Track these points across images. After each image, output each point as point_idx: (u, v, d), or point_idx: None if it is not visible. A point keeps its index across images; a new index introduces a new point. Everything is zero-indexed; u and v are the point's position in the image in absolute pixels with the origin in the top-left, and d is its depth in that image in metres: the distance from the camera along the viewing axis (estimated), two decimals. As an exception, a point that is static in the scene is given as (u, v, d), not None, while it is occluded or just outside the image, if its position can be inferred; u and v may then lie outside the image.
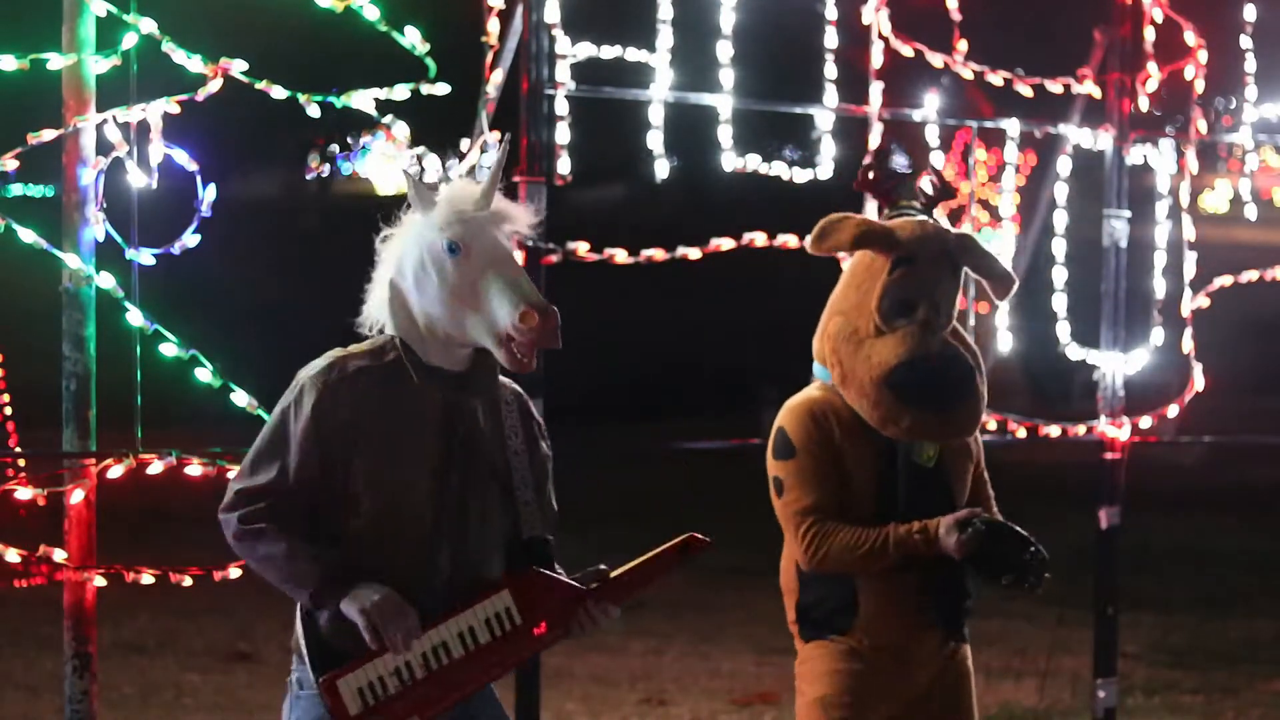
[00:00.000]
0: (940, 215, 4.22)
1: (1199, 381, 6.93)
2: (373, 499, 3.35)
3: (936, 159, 6.78)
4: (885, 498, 3.95)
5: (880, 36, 6.32)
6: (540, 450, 3.56)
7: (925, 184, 4.18)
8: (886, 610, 3.97)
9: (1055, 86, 6.74)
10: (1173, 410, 6.86)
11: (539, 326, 3.31)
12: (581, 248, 5.79)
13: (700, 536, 3.50)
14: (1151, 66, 6.75)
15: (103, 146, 4.61)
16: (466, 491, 3.42)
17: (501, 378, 3.52)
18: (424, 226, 3.41)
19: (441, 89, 5.20)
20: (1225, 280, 7.10)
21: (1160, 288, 6.90)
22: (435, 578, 3.38)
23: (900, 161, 4.23)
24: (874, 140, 6.32)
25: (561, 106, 5.79)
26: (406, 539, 3.36)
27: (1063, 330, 6.77)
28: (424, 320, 3.40)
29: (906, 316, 3.94)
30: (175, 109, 4.65)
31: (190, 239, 4.66)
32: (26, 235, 4.54)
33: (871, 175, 4.22)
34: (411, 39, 5.15)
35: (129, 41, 4.61)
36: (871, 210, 6.05)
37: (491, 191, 3.43)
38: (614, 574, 3.47)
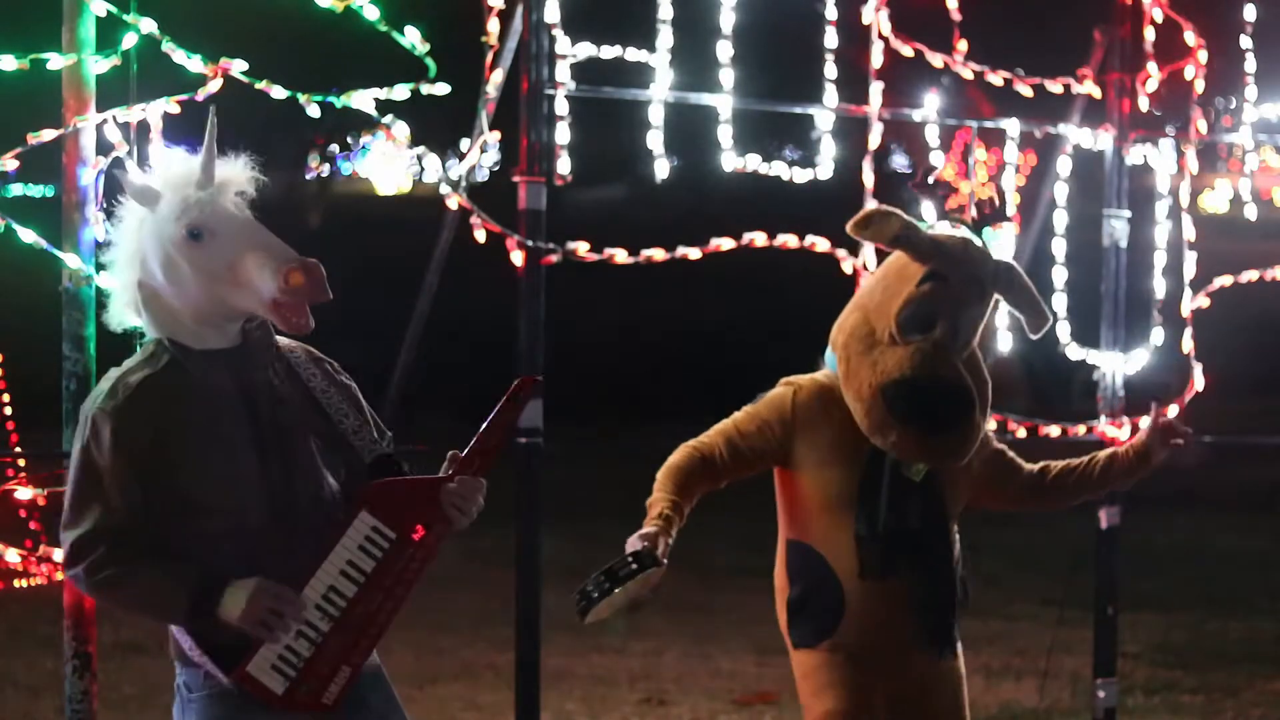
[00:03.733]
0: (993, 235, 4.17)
1: (1199, 381, 6.93)
2: (206, 499, 3.27)
3: (936, 159, 6.78)
4: (867, 502, 3.93)
5: (880, 36, 6.31)
6: (341, 380, 3.50)
7: (975, 204, 4.15)
8: (873, 614, 3.94)
9: (1055, 86, 6.74)
10: (1173, 410, 6.85)
11: (305, 284, 3.25)
12: (581, 248, 5.79)
13: (527, 378, 3.51)
14: (1151, 66, 6.75)
15: (103, 146, 4.61)
16: (290, 457, 3.36)
17: (278, 336, 3.45)
18: (157, 221, 3.33)
19: (441, 89, 5.19)
20: (1225, 280, 7.10)
21: (1160, 288, 6.90)
22: (289, 550, 3.31)
23: (899, 161, 4.23)
24: (874, 140, 6.32)
25: (561, 106, 5.79)
26: (251, 525, 3.29)
27: (1063, 330, 6.76)
28: (188, 311, 3.32)
29: (923, 332, 3.88)
30: (175, 109, 4.65)
31: (190, 239, 4.65)
32: (26, 235, 4.54)
33: (928, 178, 4.17)
34: (411, 39, 5.15)
35: (129, 41, 4.60)
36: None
37: (210, 166, 3.37)
38: (464, 452, 3.42)
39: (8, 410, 5.37)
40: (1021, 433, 6.63)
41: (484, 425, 3.43)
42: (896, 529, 3.91)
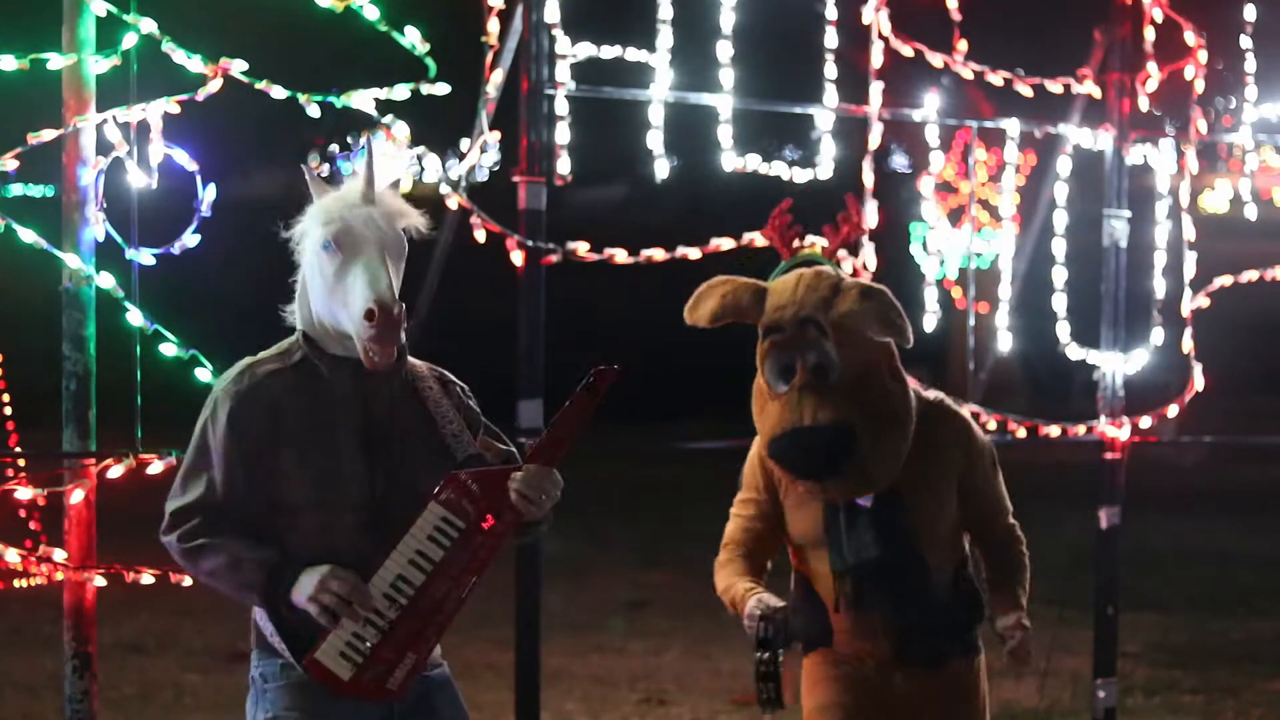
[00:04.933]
0: (852, 257, 4.19)
1: (1199, 381, 6.93)
2: (305, 495, 3.38)
3: (936, 159, 6.79)
4: (832, 536, 4.01)
5: (880, 36, 6.31)
6: (458, 395, 3.58)
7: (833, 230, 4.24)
8: (854, 641, 4.05)
9: (1055, 86, 6.74)
10: (1173, 410, 6.86)
11: (373, 325, 3.32)
12: (581, 248, 5.79)
13: (604, 367, 3.48)
14: (1151, 66, 6.75)
15: (103, 146, 4.61)
16: (397, 469, 3.45)
17: (412, 359, 3.56)
18: (310, 222, 3.47)
19: (441, 89, 5.19)
20: (1225, 280, 7.10)
21: (1160, 288, 6.90)
22: (377, 551, 3.38)
23: (899, 161, 4.23)
24: (874, 140, 6.31)
25: (561, 106, 5.80)
26: (345, 524, 3.39)
27: (1063, 330, 6.77)
28: (314, 316, 3.47)
29: (787, 381, 3.92)
30: (175, 109, 4.65)
31: (190, 239, 4.66)
32: (26, 235, 4.54)
33: (771, 225, 4.28)
34: (411, 39, 5.15)
35: (129, 41, 4.61)
36: (873, 210, 6.06)
37: (369, 187, 3.46)
38: (535, 442, 3.49)
39: (8, 410, 5.36)
40: (1021, 433, 6.63)
41: (557, 415, 3.49)
42: (861, 560, 3.98)
